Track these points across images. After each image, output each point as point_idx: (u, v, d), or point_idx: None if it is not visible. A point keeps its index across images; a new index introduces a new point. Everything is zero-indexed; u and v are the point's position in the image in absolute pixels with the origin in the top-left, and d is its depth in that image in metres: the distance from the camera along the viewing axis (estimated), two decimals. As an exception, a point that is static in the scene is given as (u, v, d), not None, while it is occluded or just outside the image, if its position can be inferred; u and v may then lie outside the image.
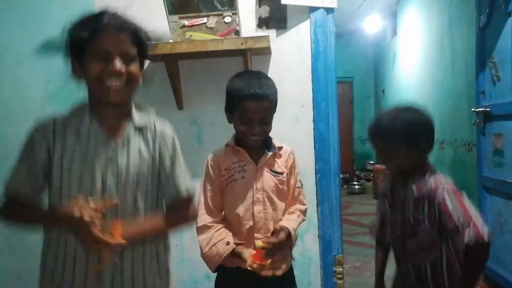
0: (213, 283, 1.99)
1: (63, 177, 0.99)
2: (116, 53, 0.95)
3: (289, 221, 1.26)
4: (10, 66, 2.03)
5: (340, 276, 1.92)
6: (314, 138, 1.90)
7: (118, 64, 0.95)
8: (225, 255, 1.18)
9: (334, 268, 1.91)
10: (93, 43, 0.95)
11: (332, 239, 1.92)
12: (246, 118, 1.21)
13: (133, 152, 1.03)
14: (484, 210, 2.41)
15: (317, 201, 1.91)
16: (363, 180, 6.80)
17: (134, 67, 0.99)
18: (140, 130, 1.06)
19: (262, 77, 1.27)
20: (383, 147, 1.23)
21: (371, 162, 7.07)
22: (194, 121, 1.97)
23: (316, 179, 1.90)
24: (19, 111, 2.03)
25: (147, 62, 1.89)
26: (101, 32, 0.95)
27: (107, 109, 1.01)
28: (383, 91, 7.25)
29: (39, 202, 1.04)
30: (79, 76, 1.00)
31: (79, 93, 2.02)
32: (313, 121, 1.91)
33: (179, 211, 1.11)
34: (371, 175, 6.52)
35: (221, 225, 1.23)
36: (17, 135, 2.06)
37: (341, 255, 1.95)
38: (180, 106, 1.94)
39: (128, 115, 1.05)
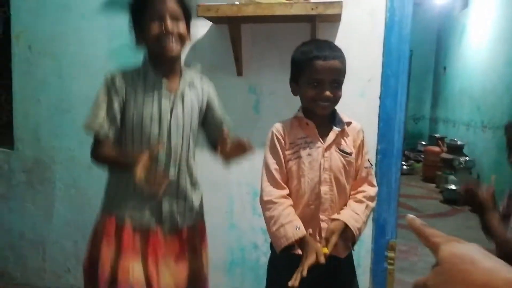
0: (260, 253, 2.01)
1: (134, 122, 1.19)
2: (167, 15, 1.15)
3: (355, 218, 1.16)
4: (75, 19, 2.05)
5: (392, 261, 1.85)
6: (379, 116, 1.78)
7: (170, 24, 1.15)
8: (293, 239, 1.11)
9: (386, 253, 1.84)
10: (149, 9, 1.15)
11: (386, 223, 1.84)
12: (316, 80, 1.14)
13: (187, 103, 1.25)
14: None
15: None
16: (412, 161, 6.53)
17: (182, 27, 1.19)
18: (190, 84, 1.27)
19: (330, 42, 1.24)
20: None
21: (423, 143, 6.73)
22: (253, 89, 1.90)
23: (377, 160, 1.80)
24: (82, 67, 2.06)
25: (209, 24, 1.86)
26: None
27: (163, 66, 1.22)
28: (445, 68, 6.78)
29: (117, 143, 1.22)
30: (141, 42, 1.21)
31: (139, 52, 2.04)
32: (380, 97, 1.78)
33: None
34: (422, 156, 6.23)
35: (288, 203, 1.17)
36: (80, 90, 2.14)
37: (395, 240, 1.86)
38: (239, 72, 1.87)
39: (179, 70, 1.26)
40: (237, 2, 1.69)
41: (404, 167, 6.02)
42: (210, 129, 1.37)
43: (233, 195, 1.98)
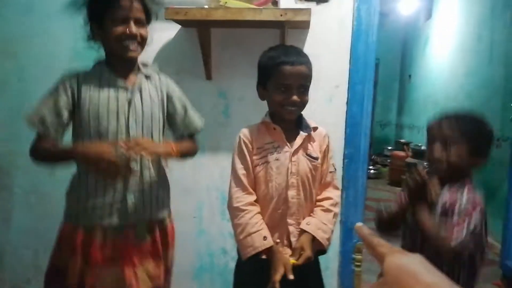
0: (228, 258, 2.00)
1: (90, 117, 1.18)
2: (131, 19, 1.17)
3: (324, 229, 1.19)
4: (38, 20, 1.97)
5: (359, 264, 1.88)
6: (346, 121, 1.82)
7: (134, 28, 1.18)
8: (260, 249, 1.12)
9: (353, 256, 1.87)
10: (113, 10, 1.15)
11: (353, 226, 1.87)
12: (284, 85, 1.15)
13: (145, 95, 1.26)
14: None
15: (342, 187, 1.85)
16: (379, 165, 6.70)
17: (144, 30, 1.22)
18: (148, 78, 1.30)
19: (297, 47, 1.25)
20: (450, 137, 1.15)
21: (389, 147, 6.94)
22: (222, 93, 1.89)
23: (344, 164, 1.83)
24: (45, 69, 1.98)
25: (178, 28, 1.84)
26: (119, 0, 1.15)
27: (121, 64, 1.24)
28: (410, 76, 7.03)
29: (61, 138, 1.22)
30: (98, 38, 1.23)
31: (102, 53, 1.98)
32: (347, 103, 1.82)
33: (193, 143, 1.40)
34: (388, 160, 6.41)
35: (256, 210, 1.17)
36: (42, 93, 2.05)
37: (361, 243, 1.90)
38: (208, 77, 1.86)
39: (136, 68, 1.29)
40: (206, 6, 1.69)
41: (371, 171, 6.17)
42: (175, 122, 1.37)
43: (202, 200, 1.96)
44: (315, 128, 1.26)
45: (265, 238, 1.12)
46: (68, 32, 1.95)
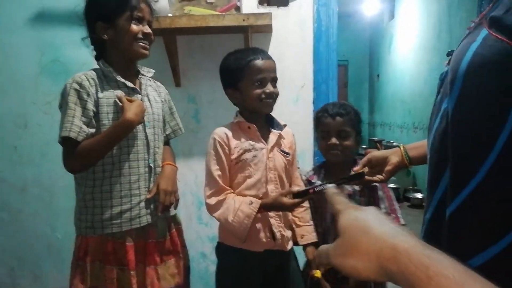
0: (208, 262, 2.01)
1: (109, 118, 1.20)
2: (145, 20, 1.23)
3: (311, 229, 1.34)
4: (1, 34, 1.95)
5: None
6: (313, 120, 1.88)
7: (148, 28, 1.24)
8: (254, 213, 1.16)
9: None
10: (130, 10, 1.19)
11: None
12: (259, 79, 1.21)
13: (151, 98, 1.32)
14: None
15: (314, 183, 1.91)
16: (354, 164, 6.85)
17: (151, 31, 1.27)
18: (150, 81, 1.36)
19: (255, 47, 1.35)
20: (347, 126, 1.34)
21: (364, 146, 7.10)
22: (192, 98, 1.93)
23: (314, 161, 1.89)
24: (11, 84, 1.97)
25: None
26: (139, 1, 1.20)
27: (127, 66, 1.27)
28: (378, 75, 7.23)
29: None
30: (105, 37, 1.21)
31: (71, 66, 1.97)
32: (313, 102, 1.89)
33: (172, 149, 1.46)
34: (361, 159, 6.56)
35: (233, 194, 1.22)
36: (9, 108, 2.02)
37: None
38: (177, 83, 1.89)
39: (137, 71, 1.33)
40: (170, 14, 1.72)
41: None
42: (164, 125, 1.40)
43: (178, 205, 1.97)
44: (284, 126, 1.31)
45: (251, 202, 1.17)
46: (33, 47, 1.94)
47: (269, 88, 1.22)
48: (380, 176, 1.05)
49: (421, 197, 4.59)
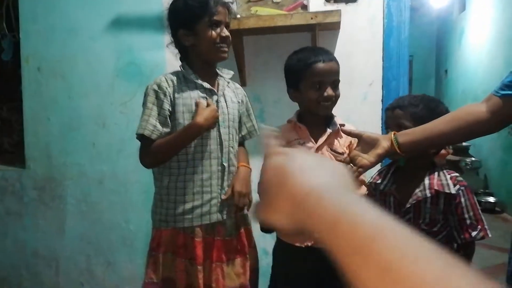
0: (270, 259, 2.02)
1: (185, 119, 1.25)
2: (223, 23, 1.27)
3: None
4: (83, 41, 2.11)
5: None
6: (382, 119, 1.81)
7: (227, 31, 1.27)
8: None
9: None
10: (209, 15, 1.23)
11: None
12: (318, 82, 1.22)
13: (228, 98, 1.35)
14: None
15: (381, 185, 1.83)
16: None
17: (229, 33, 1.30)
18: (228, 82, 1.39)
19: (321, 47, 1.33)
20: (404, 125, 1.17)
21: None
22: (257, 97, 1.94)
23: (381, 163, 1.82)
24: (91, 86, 2.12)
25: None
26: (216, 6, 1.24)
27: (207, 68, 1.32)
28: (446, 71, 6.81)
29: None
30: (187, 43, 1.28)
31: (145, 69, 2.08)
32: (382, 100, 1.82)
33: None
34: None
35: None
36: (89, 108, 2.19)
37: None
38: (243, 83, 1.92)
39: (216, 73, 1.36)
40: (238, 16, 1.75)
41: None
42: (240, 126, 1.44)
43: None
44: (342, 125, 1.28)
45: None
46: (110, 51, 2.08)
47: (327, 91, 1.22)
48: (365, 161, 0.98)
49: (493, 201, 4.23)
